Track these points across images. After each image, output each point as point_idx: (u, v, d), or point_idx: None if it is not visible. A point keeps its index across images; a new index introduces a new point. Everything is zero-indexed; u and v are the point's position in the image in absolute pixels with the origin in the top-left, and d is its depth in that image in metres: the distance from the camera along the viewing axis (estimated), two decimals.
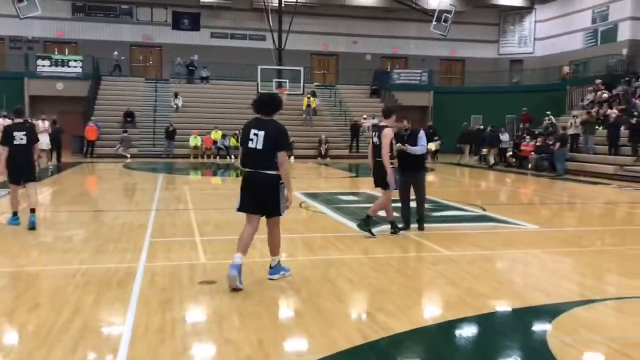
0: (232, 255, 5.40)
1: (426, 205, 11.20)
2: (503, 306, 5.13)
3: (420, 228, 8.35)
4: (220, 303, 4.92)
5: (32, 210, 8.13)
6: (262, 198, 5.45)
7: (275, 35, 29.57)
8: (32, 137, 8.38)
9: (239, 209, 5.59)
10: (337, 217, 9.70)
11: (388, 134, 7.76)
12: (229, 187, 16.28)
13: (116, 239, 7.52)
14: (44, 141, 18.76)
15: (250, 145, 5.35)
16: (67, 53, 32.15)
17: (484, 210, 10.77)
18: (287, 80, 28.59)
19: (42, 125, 18.74)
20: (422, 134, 8.36)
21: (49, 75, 29.69)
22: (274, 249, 5.79)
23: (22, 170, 8.25)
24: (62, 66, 30.12)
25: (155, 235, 7.87)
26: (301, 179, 18.39)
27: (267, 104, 5.51)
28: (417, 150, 8.21)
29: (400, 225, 8.24)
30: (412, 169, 8.30)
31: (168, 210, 10.19)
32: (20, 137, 8.14)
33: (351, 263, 6.43)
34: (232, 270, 5.20)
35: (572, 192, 15.14)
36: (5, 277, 5.75)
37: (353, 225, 8.82)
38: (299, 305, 4.94)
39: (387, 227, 8.20)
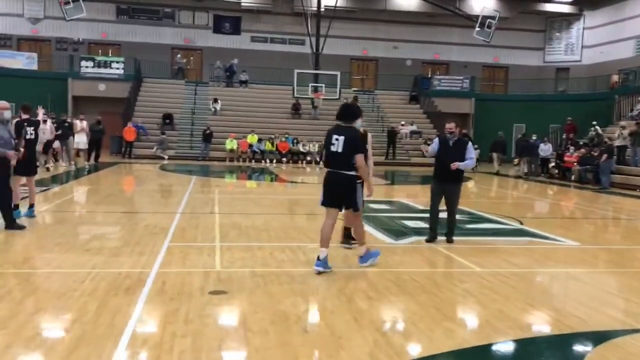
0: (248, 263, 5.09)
1: (460, 217, 10.83)
2: (535, 332, 4.69)
3: (449, 240, 7.93)
4: (226, 317, 4.63)
5: (31, 205, 8.55)
6: (340, 195, 6.17)
7: (314, 39, 29.42)
8: (38, 133, 8.85)
9: (322, 203, 6.31)
10: (366, 227, 9.30)
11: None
12: (260, 191, 16.10)
13: (135, 242, 7.35)
14: (81, 140, 19.02)
15: (332, 148, 6.02)
16: (110, 54, 32.74)
17: (521, 223, 10.23)
18: (324, 85, 28.36)
19: (80, 124, 18.95)
20: (470, 145, 7.94)
21: (91, 76, 30.26)
22: (360, 240, 6.55)
23: (28, 163, 8.48)
24: (105, 67, 30.65)
25: (176, 239, 7.67)
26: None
27: (347, 113, 6.24)
28: (469, 165, 7.84)
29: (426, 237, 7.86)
30: (450, 180, 7.87)
31: (194, 214, 10.01)
32: (30, 132, 8.47)
33: (373, 277, 6.06)
34: (317, 267, 6.09)
35: (618, 206, 14.37)
36: (15, 279, 5.61)
37: (381, 235, 8.48)
38: (310, 322, 4.61)
39: (416, 238, 7.83)
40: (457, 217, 10.76)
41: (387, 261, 6.84)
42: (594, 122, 23.07)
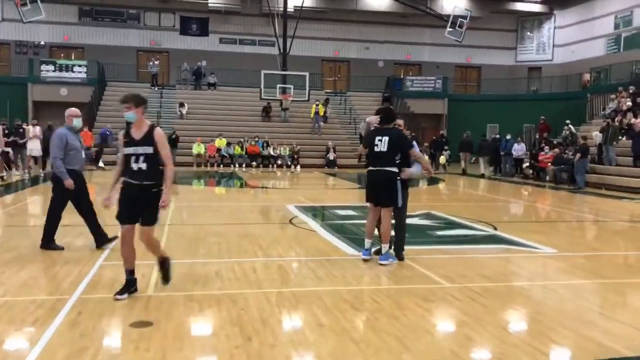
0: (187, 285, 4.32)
1: (430, 223, 10.23)
2: None
3: (400, 258, 6.87)
4: (142, 357, 3.86)
5: None
6: (383, 191, 6.59)
7: (289, 41, 28.74)
8: None
9: (367, 201, 6.83)
10: (327, 236, 8.61)
11: None
12: (223, 199, 15.31)
13: (64, 261, 6.53)
14: (35, 147, 17.97)
15: (376, 149, 6.55)
16: (73, 58, 31.56)
17: (495, 228, 9.61)
18: (292, 87, 27.66)
19: (33, 130, 17.89)
20: (415, 145, 7.13)
21: (52, 81, 29.09)
22: (385, 237, 6.67)
23: None
24: (67, 71, 29.50)
25: (112, 257, 6.85)
26: (301, 189, 17.39)
27: (386, 116, 6.73)
28: (414, 172, 6.94)
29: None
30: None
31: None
32: None
33: (328, 298, 5.34)
34: (364, 255, 6.76)
35: (593, 207, 13.90)
36: None
37: (344, 246, 7.78)
38: (242, 359, 3.87)
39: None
40: (426, 222, 10.25)
41: (346, 277, 6.14)
42: (568, 121, 22.73)
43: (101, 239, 7.24)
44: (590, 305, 5.39)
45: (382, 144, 6.55)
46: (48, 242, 7.11)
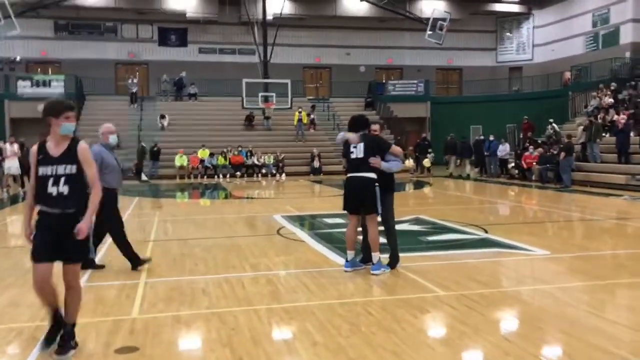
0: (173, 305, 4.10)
1: (421, 228, 10.08)
2: None
3: (393, 266, 6.73)
4: None
5: None
6: (362, 198, 6.50)
7: (270, 49, 28.57)
8: None
9: (344, 209, 6.78)
10: (317, 246, 8.42)
11: None
12: (207, 211, 15.04)
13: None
14: (13, 165, 17.56)
15: (352, 156, 6.54)
16: (50, 73, 31.09)
17: (486, 231, 9.49)
18: (274, 94, 27.48)
19: (10, 148, 17.48)
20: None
21: (30, 97, 28.55)
22: (374, 245, 6.51)
23: None
24: (44, 87, 28.99)
25: (95, 277, 6.61)
26: (287, 198, 17.17)
27: (358, 123, 6.74)
28: (393, 167, 6.69)
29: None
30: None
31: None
32: None
33: (320, 312, 5.14)
34: (346, 267, 6.66)
35: (581, 205, 13.88)
36: None
37: (334, 256, 7.59)
38: None
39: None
40: (416, 228, 10.10)
41: (339, 289, 5.95)
42: (551, 120, 22.81)
43: (91, 264, 6.92)
44: (589, 309, 5.24)
45: (357, 150, 6.52)
46: (136, 261, 6.83)
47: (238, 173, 25.21)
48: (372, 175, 6.44)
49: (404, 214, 11.76)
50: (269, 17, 29.97)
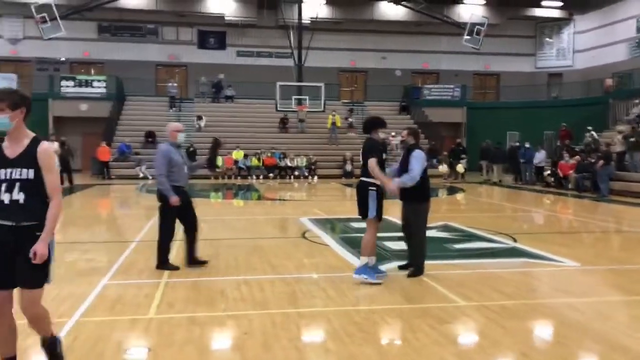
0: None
1: (447, 235, 9.91)
2: None
3: (409, 274, 6.67)
4: None
5: None
6: (360, 202, 6.51)
7: (304, 52, 28.68)
8: None
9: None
10: (341, 251, 8.37)
11: None
12: (237, 212, 15.14)
13: (67, 281, 6.35)
14: None
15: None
16: (93, 73, 31.87)
17: (515, 240, 9.27)
18: (307, 97, 27.49)
19: (52, 146, 17.93)
20: (417, 153, 6.66)
21: (72, 96, 29.36)
22: (363, 249, 6.39)
23: None
24: (86, 87, 29.75)
25: (117, 276, 6.70)
26: (317, 201, 17.16)
27: (364, 125, 6.80)
28: (405, 180, 6.52)
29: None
30: (406, 198, 6.75)
31: (152, 242, 8.93)
32: None
33: (336, 319, 5.09)
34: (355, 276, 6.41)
35: (618, 216, 13.44)
36: None
37: (357, 262, 7.49)
38: None
39: (397, 263, 6.96)
40: (443, 235, 9.93)
41: (357, 296, 5.88)
42: (589, 128, 22.20)
43: (194, 260, 7.06)
44: (618, 326, 5.03)
45: (361, 154, 6.57)
46: (163, 262, 6.93)
47: (271, 175, 25.35)
48: (369, 179, 6.32)
49: (433, 221, 11.59)
50: (306, 21, 30.06)
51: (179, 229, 7.16)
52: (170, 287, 6.17)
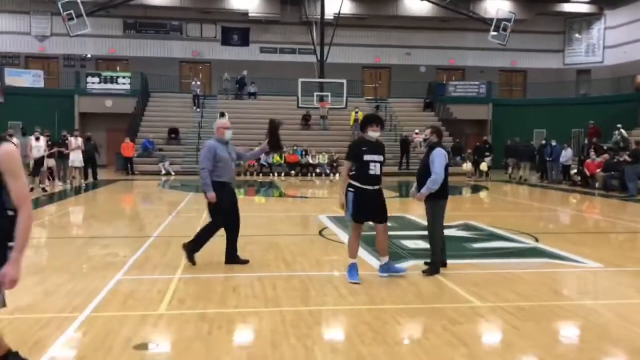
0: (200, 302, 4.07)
1: (467, 234, 9.75)
2: None
3: (424, 271, 6.68)
4: None
5: None
6: None
7: (327, 48, 28.57)
8: None
9: None
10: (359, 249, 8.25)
11: None
12: (257, 208, 15.14)
13: (83, 276, 6.41)
14: (77, 158, 18.28)
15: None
16: (118, 70, 32.26)
17: (536, 240, 9.07)
18: (329, 94, 27.39)
19: (75, 142, 18.20)
20: (438, 151, 6.59)
21: (98, 92, 29.77)
22: (380, 251, 6.61)
23: None
24: (111, 83, 30.16)
25: (132, 271, 6.72)
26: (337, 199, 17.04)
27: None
28: (430, 187, 6.53)
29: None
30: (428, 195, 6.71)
31: (170, 238, 9.05)
32: None
33: (347, 318, 5.02)
34: (380, 273, 6.55)
35: None
36: None
37: (372, 260, 7.42)
38: None
39: (413, 262, 6.87)
40: (463, 234, 9.77)
41: (370, 295, 5.79)
42: (619, 125, 21.71)
43: (233, 259, 7.06)
44: None
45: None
46: (190, 251, 6.95)
47: (292, 172, 25.33)
48: (350, 180, 6.31)
49: (453, 219, 11.44)
50: (330, 17, 29.94)
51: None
52: (183, 283, 6.16)
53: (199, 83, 31.08)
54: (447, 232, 9.92)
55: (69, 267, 6.92)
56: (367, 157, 6.19)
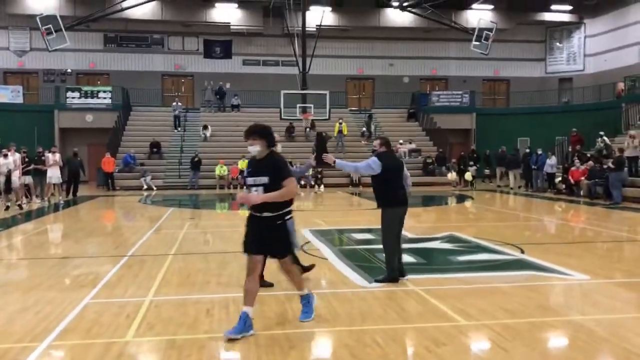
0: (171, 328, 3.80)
1: (451, 246, 9.54)
2: None
3: (377, 279, 6.81)
4: None
5: None
6: None
7: (309, 60, 28.41)
8: None
9: None
10: (338, 264, 8.03)
11: None
12: (238, 223, 14.79)
13: (47, 300, 6.07)
14: (54, 175, 17.87)
15: None
16: (99, 84, 31.84)
17: (522, 252, 8.87)
18: (312, 105, 27.23)
19: (52, 157, 17.80)
20: (372, 159, 6.83)
21: (78, 107, 29.35)
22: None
23: None
24: (92, 97, 29.74)
25: (102, 294, 6.40)
26: (321, 211, 16.82)
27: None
28: (344, 165, 7.11)
29: None
30: (377, 203, 6.99)
31: (145, 256, 8.74)
32: None
33: (325, 341, 4.77)
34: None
35: (632, 224, 12.96)
36: None
37: (354, 276, 7.19)
38: None
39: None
40: (448, 246, 9.56)
41: (351, 315, 5.53)
42: (601, 133, 21.73)
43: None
44: (632, 347, 4.65)
45: None
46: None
47: None
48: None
49: (439, 230, 11.26)
50: (312, 28, 29.84)
51: None
52: (155, 305, 5.86)
53: (180, 104, 30.49)
54: (431, 244, 9.81)
55: (36, 289, 6.59)
56: (249, 181, 5.06)
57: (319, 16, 29.85)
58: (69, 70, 32.77)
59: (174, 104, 30.27)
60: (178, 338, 4.82)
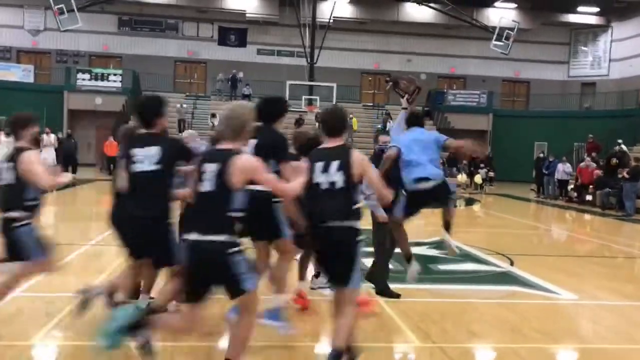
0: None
1: (437, 253, 8.90)
2: None
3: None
4: None
5: None
6: None
7: (316, 51, 27.84)
8: None
9: None
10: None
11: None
12: None
13: None
14: (49, 156, 17.57)
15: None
16: (111, 67, 31.56)
17: (512, 263, 8.20)
18: (318, 98, 26.63)
19: (47, 139, 17.49)
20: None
21: (88, 89, 29.06)
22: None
23: None
24: (102, 80, 29.42)
25: (35, 287, 5.86)
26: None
27: None
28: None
29: None
30: None
31: (107, 247, 8.22)
32: None
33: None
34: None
35: None
36: None
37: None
38: None
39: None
40: (433, 253, 8.93)
41: (302, 328, 4.94)
42: (619, 140, 20.80)
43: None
44: None
45: None
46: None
47: None
48: None
49: (430, 235, 10.61)
50: (325, 20, 29.22)
51: None
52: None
53: (185, 106, 28.90)
54: (416, 250, 9.10)
55: None
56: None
57: (335, 7, 29.24)
58: (82, 52, 32.53)
59: (178, 105, 27.95)
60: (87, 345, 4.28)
